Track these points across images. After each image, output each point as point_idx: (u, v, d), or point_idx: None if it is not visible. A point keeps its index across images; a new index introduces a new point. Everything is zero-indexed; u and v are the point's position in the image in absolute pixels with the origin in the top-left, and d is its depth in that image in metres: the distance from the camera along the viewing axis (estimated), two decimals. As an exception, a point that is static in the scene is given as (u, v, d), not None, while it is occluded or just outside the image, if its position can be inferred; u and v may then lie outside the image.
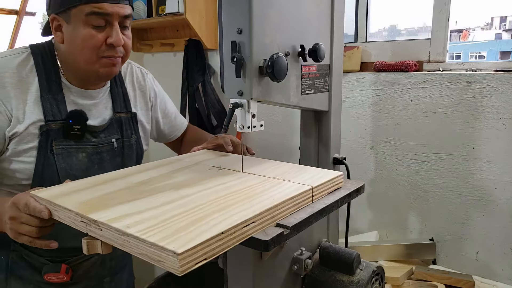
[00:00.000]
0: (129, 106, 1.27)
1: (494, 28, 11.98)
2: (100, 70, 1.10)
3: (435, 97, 1.45)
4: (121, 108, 1.25)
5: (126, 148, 1.24)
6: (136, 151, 1.28)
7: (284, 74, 0.87)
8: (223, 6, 0.85)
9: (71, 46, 1.08)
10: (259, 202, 0.75)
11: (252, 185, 0.86)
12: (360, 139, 1.66)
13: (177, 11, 1.97)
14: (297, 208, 0.80)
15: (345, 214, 1.14)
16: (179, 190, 0.84)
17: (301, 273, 0.86)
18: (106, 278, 1.28)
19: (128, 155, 1.25)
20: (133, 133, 1.27)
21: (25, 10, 4.91)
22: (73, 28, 1.06)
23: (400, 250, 1.46)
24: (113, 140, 1.20)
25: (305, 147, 1.18)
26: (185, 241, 0.59)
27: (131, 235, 0.63)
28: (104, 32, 1.07)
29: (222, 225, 0.65)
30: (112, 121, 1.21)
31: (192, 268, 0.58)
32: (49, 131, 1.08)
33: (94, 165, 1.16)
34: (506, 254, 1.37)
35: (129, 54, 1.17)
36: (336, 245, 0.95)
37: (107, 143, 1.19)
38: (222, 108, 2.06)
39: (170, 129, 1.46)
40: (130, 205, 0.75)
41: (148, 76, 1.38)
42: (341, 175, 0.93)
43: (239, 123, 0.89)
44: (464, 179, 1.43)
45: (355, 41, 1.78)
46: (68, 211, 0.76)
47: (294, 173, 0.94)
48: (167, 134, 1.47)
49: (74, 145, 1.12)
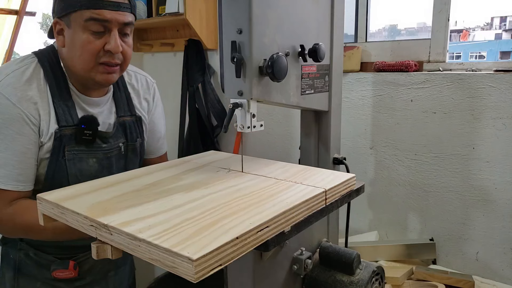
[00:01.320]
0: (133, 110, 1.27)
1: (494, 28, 11.98)
2: (97, 77, 1.10)
3: (435, 97, 1.45)
4: (125, 112, 1.25)
5: (130, 151, 1.25)
6: (140, 155, 1.28)
7: (284, 74, 0.87)
8: (223, 6, 0.85)
9: (71, 50, 1.09)
10: (272, 206, 0.73)
11: (264, 187, 0.84)
12: (360, 139, 1.66)
13: (177, 11, 1.97)
14: (310, 212, 0.78)
15: (345, 214, 1.14)
16: (189, 192, 0.82)
17: (301, 273, 0.86)
18: (111, 272, 1.29)
19: (131, 158, 1.25)
20: (138, 136, 1.27)
21: (25, 10, 4.91)
22: (73, 32, 1.06)
23: (400, 250, 1.46)
24: (121, 145, 1.21)
25: (305, 147, 1.18)
26: (200, 247, 0.57)
27: (143, 240, 0.61)
28: (102, 38, 1.07)
29: (237, 229, 0.63)
30: (116, 126, 1.21)
31: (207, 275, 0.56)
32: (62, 137, 1.09)
33: (104, 170, 1.17)
34: (506, 254, 1.37)
35: (128, 62, 1.17)
36: (336, 245, 0.96)
37: (115, 148, 1.20)
38: (222, 108, 2.07)
39: (148, 147, 1.39)
40: (141, 209, 0.74)
41: (154, 85, 1.39)
42: (353, 177, 0.91)
43: (239, 123, 0.89)
44: (464, 179, 1.43)
45: (355, 41, 1.78)
46: (76, 215, 0.74)
47: (306, 175, 0.92)
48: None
49: (86, 151, 1.13)
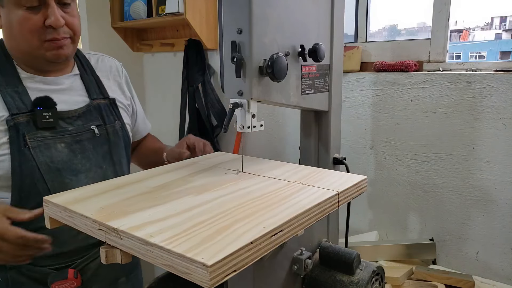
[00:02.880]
0: (105, 93, 1.20)
1: (494, 28, 11.96)
2: (47, 54, 1.02)
3: (435, 97, 1.45)
4: (97, 95, 1.17)
5: (111, 134, 1.17)
6: (123, 138, 1.22)
7: (284, 74, 0.87)
8: (223, 6, 0.85)
9: (10, 31, 1.01)
10: (285, 209, 0.71)
11: (275, 190, 0.82)
12: (360, 139, 1.66)
13: (177, 11, 1.97)
14: (323, 215, 0.76)
15: (345, 214, 1.14)
16: (199, 195, 0.80)
17: (301, 273, 0.86)
18: (122, 279, 1.21)
19: (115, 142, 1.18)
20: (115, 119, 1.20)
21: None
22: (8, 11, 0.99)
23: (400, 250, 1.46)
24: (93, 127, 1.12)
25: (305, 147, 1.18)
26: (214, 252, 0.56)
27: (155, 245, 0.59)
28: (40, 13, 0.98)
29: (250, 234, 0.61)
30: (90, 108, 1.14)
31: (222, 281, 0.55)
32: (17, 125, 1.01)
33: (77, 155, 1.08)
34: (506, 254, 1.37)
35: (78, 33, 1.07)
36: (336, 245, 0.95)
37: (86, 131, 1.11)
38: (222, 108, 2.07)
39: (134, 129, 1.35)
40: (151, 212, 0.72)
41: (122, 68, 1.32)
42: (365, 179, 0.90)
43: (239, 123, 0.89)
44: (464, 179, 1.43)
45: (355, 41, 1.78)
46: (85, 218, 0.72)
47: (317, 177, 0.91)
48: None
49: (50, 136, 1.05)
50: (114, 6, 2.35)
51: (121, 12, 2.35)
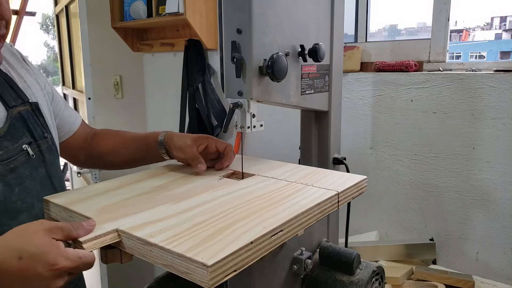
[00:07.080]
0: (23, 95, 0.89)
1: (494, 28, 11.98)
2: None
3: (435, 97, 1.45)
4: (15, 100, 0.87)
5: (46, 152, 0.89)
6: (57, 153, 0.96)
7: (284, 74, 0.87)
8: (223, 6, 0.85)
9: None
10: (285, 209, 0.71)
11: (275, 190, 0.82)
12: (360, 139, 1.66)
13: (177, 11, 1.97)
14: (323, 215, 0.76)
15: (345, 214, 1.14)
16: (199, 195, 0.81)
17: (301, 273, 0.86)
18: None
19: (52, 161, 0.91)
20: (44, 131, 0.91)
21: (25, 10, 4.92)
22: None
23: (400, 250, 1.46)
24: (25, 147, 0.84)
25: (305, 147, 1.18)
26: (214, 252, 0.56)
27: (155, 245, 0.59)
28: None
29: (250, 234, 0.62)
30: (12, 121, 0.84)
31: (222, 281, 0.55)
32: None
33: (14, 188, 0.81)
34: (506, 254, 1.37)
35: (8, 25, 0.81)
36: (336, 245, 0.95)
37: (19, 153, 0.83)
38: (222, 108, 2.07)
39: (61, 122, 1.04)
40: (151, 212, 0.72)
41: (19, 52, 0.98)
42: (365, 179, 0.90)
43: (239, 123, 0.89)
44: (464, 179, 1.42)
45: (355, 41, 1.78)
46: (85, 218, 0.72)
47: (316, 177, 0.91)
48: (58, 130, 1.03)
49: None
50: (114, 6, 2.35)
51: (121, 12, 2.36)
